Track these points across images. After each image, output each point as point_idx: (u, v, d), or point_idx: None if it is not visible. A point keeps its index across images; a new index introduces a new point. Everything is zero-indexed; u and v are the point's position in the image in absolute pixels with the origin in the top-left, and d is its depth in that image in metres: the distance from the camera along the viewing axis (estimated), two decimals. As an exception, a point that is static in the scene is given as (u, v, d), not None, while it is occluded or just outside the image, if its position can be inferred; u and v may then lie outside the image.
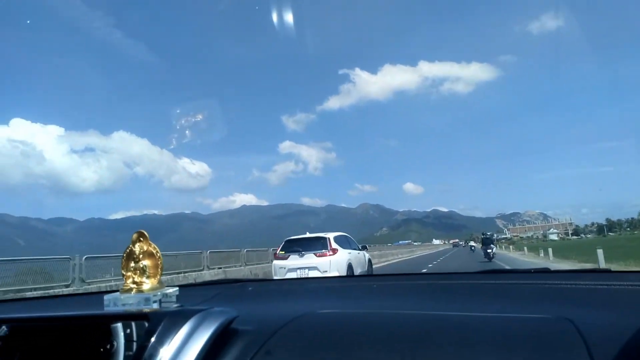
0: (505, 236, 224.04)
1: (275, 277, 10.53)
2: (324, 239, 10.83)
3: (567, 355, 0.68)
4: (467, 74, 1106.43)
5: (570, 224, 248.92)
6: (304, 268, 10.34)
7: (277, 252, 11.08)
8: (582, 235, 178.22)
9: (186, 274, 13.08)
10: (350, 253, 11.34)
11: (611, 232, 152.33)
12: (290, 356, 0.77)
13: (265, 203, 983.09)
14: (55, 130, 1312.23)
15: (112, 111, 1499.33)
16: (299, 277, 10.07)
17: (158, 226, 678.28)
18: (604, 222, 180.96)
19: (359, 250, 12.55)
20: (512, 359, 0.70)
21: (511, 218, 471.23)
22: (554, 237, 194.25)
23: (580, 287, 1.25)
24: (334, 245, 10.75)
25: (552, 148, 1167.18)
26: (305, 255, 10.53)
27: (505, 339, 0.75)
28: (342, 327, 0.88)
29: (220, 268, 13.12)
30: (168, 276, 12.36)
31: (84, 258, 10.79)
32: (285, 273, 10.46)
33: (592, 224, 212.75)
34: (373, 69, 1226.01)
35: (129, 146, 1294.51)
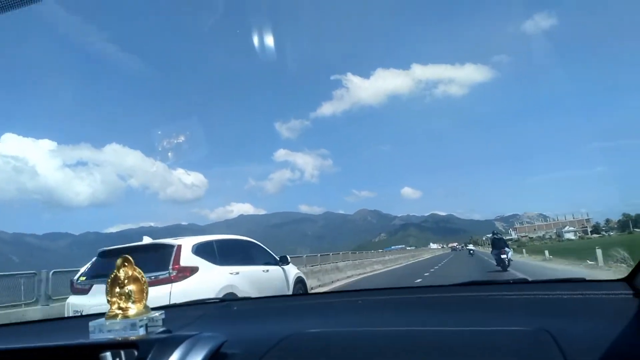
0: (510, 237, 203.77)
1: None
2: (168, 248, 5.64)
3: None
4: (461, 76, 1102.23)
5: (588, 220, 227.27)
6: None
7: (76, 278, 5.79)
8: (604, 233, 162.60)
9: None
10: (236, 274, 6.11)
11: (637, 228, 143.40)
12: None
13: (262, 212, 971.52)
14: (47, 144, 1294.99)
15: (104, 124, 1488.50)
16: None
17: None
18: (621, 218, 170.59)
19: (273, 264, 7.28)
20: None
21: (510, 220, 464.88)
22: (570, 235, 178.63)
23: (557, 297, 1.28)
24: (188, 260, 5.57)
25: (549, 149, 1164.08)
26: None
27: (484, 353, 0.76)
28: (328, 347, 0.89)
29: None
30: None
31: (51, 273, 10.36)
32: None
33: (608, 220, 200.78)
34: (365, 74, 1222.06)
35: (122, 158, 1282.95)
